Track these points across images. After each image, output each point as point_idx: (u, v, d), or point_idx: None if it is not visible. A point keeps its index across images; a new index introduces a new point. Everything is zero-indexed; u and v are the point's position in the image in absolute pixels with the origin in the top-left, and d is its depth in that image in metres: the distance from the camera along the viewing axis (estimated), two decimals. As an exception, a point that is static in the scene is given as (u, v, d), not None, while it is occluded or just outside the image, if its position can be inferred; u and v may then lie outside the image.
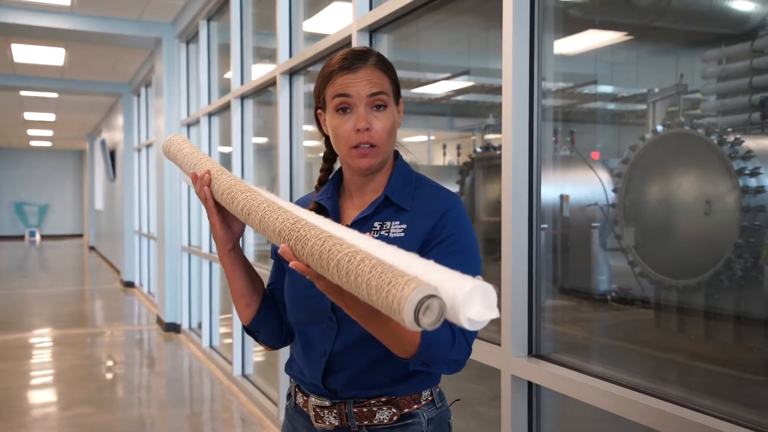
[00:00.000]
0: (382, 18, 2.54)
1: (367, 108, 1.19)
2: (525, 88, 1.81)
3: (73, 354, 5.89)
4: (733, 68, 3.89)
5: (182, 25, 6.16)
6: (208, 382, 5.05)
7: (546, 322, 1.89)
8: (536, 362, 1.75)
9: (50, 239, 21.84)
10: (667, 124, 4.11)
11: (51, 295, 9.58)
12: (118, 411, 4.28)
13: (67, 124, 14.98)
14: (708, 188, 3.58)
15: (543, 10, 1.83)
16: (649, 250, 3.87)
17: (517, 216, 1.79)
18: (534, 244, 1.80)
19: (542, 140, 1.82)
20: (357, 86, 1.19)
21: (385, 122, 1.20)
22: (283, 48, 3.73)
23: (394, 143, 1.26)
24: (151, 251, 9.08)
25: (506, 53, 1.81)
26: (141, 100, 9.45)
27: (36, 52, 7.59)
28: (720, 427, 1.35)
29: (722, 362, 3.38)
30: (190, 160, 1.31)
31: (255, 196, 1.10)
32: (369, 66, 1.21)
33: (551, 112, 2.09)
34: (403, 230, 1.21)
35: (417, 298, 0.74)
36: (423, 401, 1.25)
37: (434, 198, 1.24)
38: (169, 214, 6.66)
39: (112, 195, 12.66)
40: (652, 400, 1.50)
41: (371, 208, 1.25)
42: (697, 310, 3.59)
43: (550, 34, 1.90)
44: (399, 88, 1.27)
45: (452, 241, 1.18)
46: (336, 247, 0.87)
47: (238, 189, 1.14)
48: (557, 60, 4.69)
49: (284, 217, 1.00)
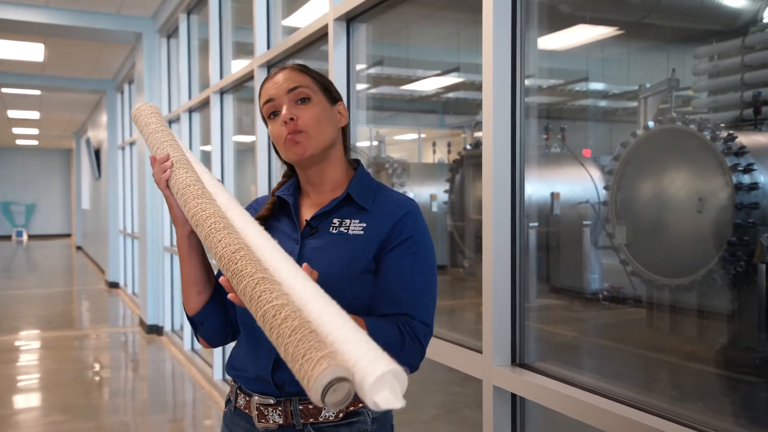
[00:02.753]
0: (360, 5, 2.40)
1: (290, 103, 1.25)
2: (507, 83, 1.69)
3: (55, 357, 5.74)
4: (724, 65, 3.82)
5: (162, 19, 6.01)
6: (189, 387, 4.91)
7: (533, 322, 1.77)
8: (520, 372, 1.62)
9: (37, 239, 21.59)
10: (659, 120, 4.01)
11: (36, 297, 9.41)
12: (98, 417, 4.13)
13: (52, 123, 14.77)
14: (701, 185, 3.49)
15: (526, 5, 1.71)
16: (641, 249, 3.78)
17: (499, 216, 1.66)
18: (518, 245, 1.68)
19: (525, 137, 1.70)
20: (277, 88, 1.26)
21: (310, 111, 1.24)
22: (261, 40, 3.59)
23: (331, 133, 1.27)
24: (135, 251, 8.93)
25: (486, 48, 1.69)
26: (124, 96, 9.28)
27: (14, 47, 7.41)
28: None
29: (715, 362, 3.30)
30: (154, 139, 1.30)
31: (205, 207, 1.10)
32: (287, 70, 1.29)
33: (536, 109, 1.97)
34: (362, 228, 1.23)
35: (326, 380, 0.76)
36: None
37: (394, 201, 1.27)
38: (151, 213, 6.51)
39: (97, 194, 12.48)
40: (647, 417, 1.37)
41: (332, 204, 1.27)
42: (689, 309, 3.51)
43: (533, 29, 1.79)
44: (332, 90, 1.31)
45: (411, 243, 1.22)
46: (266, 294, 0.88)
47: (190, 193, 1.14)
48: (546, 56, 4.58)
49: (227, 241, 1.01)
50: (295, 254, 1.24)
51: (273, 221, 1.33)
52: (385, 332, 1.14)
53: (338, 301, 1.19)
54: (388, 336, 1.13)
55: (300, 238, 1.26)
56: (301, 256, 1.24)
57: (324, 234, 1.25)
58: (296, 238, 1.27)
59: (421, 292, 1.21)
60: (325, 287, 1.19)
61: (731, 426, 1.90)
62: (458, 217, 6.45)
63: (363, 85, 3.37)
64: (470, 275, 6.09)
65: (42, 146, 21.12)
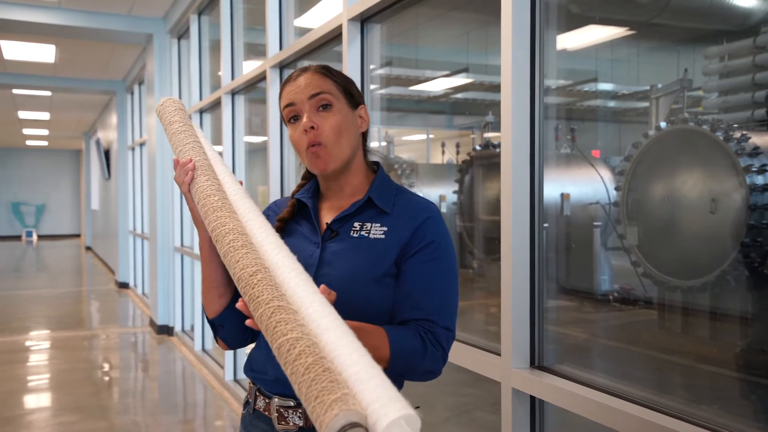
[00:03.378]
0: (374, 5, 2.39)
1: (311, 109, 1.23)
2: (525, 83, 1.68)
3: (65, 358, 5.76)
4: (735, 65, 3.79)
5: (173, 20, 6.02)
6: (200, 387, 4.91)
7: (548, 324, 1.76)
8: (539, 375, 1.61)
9: (47, 239, 21.70)
10: (672, 120, 3.98)
11: (46, 297, 9.45)
12: (109, 418, 4.14)
13: (62, 123, 14.84)
14: (714, 186, 3.46)
15: (545, 5, 1.70)
16: (652, 250, 3.76)
17: (518, 217, 1.65)
18: (536, 247, 1.67)
19: (544, 138, 1.69)
20: (299, 93, 1.24)
21: (331, 120, 1.23)
22: (273, 40, 3.59)
23: (352, 143, 1.26)
24: (145, 252, 8.95)
25: (505, 47, 1.67)
26: (134, 97, 9.32)
27: (26, 48, 7.45)
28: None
29: (729, 365, 3.28)
30: (177, 140, 1.29)
31: (224, 221, 1.09)
32: (309, 73, 1.26)
33: (554, 110, 1.96)
34: (383, 232, 1.23)
35: (337, 426, 0.75)
36: None
37: (415, 205, 1.26)
38: (161, 214, 6.53)
39: (107, 195, 12.53)
40: (670, 420, 1.36)
41: (353, 207, 1.26)
42: (701, 311, 3.48)
43: (553, 29, 1.78)
44: (354, 94, 1.29)
45: (433, 248, 1.21)
46: (281, 326, 0.88)
47: (210, 204, 1.13)
48: (556, 57, 4.55)
49: (245, 262, 1.00)
50: (316, 257, 1.23)
51: (293, 224, 1.33)
52: (407, 341, 1.14)
53: (360, 304, 1.19)
54: (409, 345, 1.14)
55: (321, 241, 1.26)
56: (322, 259, 1.23)
57: (345, 237, 1.24)
58: (317, 242, 1.26)
59: (442, 297, 1.20)
60: (347, 291, 1.18)
61: (751, 429, 1.88)
62: (467, 217, 6.44)
63: (373, 86, 3.37)
64: (479, 276, 6.08)
65: (51, 147, 21.22)
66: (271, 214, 1.38)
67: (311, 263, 1.23)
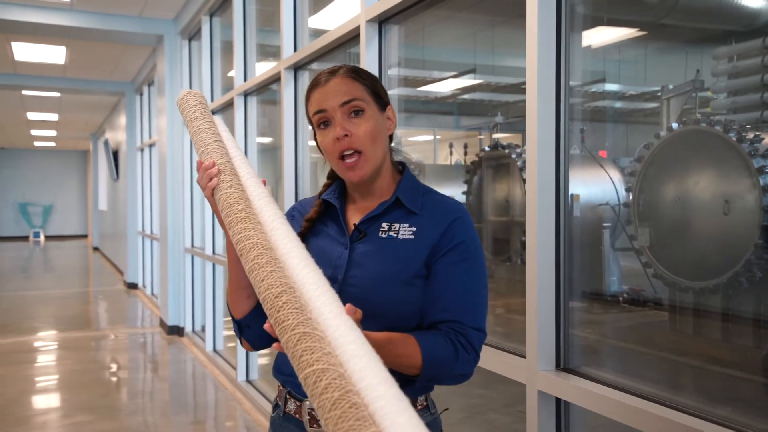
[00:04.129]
0: (393, 7, 2.40)
1: (343, 117, 1.22)
2: (552, 84, 1.68)
3: (75, 358, 5.78)
4: (744, 65, 3.78)
5: (184, 21, 6.04)
6: (212, 388, 4.92)
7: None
8: (566, 377, 1.61)
9: (54, 240, 21.78)
10: (684, 121, 3.97)
11: (54, 297, 9.48)
12: (121, 418, 4.16)
13: (70, 124, 14.89)
14: (726, 187, 3.45)
15: (571, 5, 1.70)
16: (664, 251, 3.74)
17: (544, 219, 1.65)
18: (562, 248, 1.67)
19: (569, 139, 1.69)
20: (329, 99, 1.22)
21: (365, 126, 1.21)
22: (288, 42, 3.60)
23: (384, 147, 1.26)
24: (154, 252, 8.97)
25: (530, 48, 1.67)
26: (144, 98, 9.34)
27: (37, 50, 7.49)
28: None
29: (743, 367, 3.27)
30: (199, 139, 1.26)
31: (248, 234, 1.07)
32: (339, 77, 1.24)
33: (579, 111, 1.96)
34: (412, 233, 1.22)
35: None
36: (418, 406, 1.25)
37: (443, 206, 1.26)
38: (171, 214, 6.54)
39: (115, 195, 12.57)
40: (697, 422, 1.36)
41: (380, 208, 1.26)
42: (713, 313, 3.47)
43: (578, 28, 1.77)
44: (382, 95, 1.28)
45: (462, 248, 1.21)
46: (307, 355, 0.87)
47: (234, 214, 1.11)
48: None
49: (270, 281, 0.99)
50: (345, 259, 1.23)
51: (319, 224, 1.32)
52: (438, 348, 1.14)
53: (389, 305, 1.19)
54: (441, 351, 1.14)
55: (349, 242, 1.25)
56: (351, 260, 1.23)
57: (373, 238, 1.24)
58: (345, 243, 1.26)
59: (473, 299, 1.21)
60: (376, 292, 1.19)
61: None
62: (476, 218, 6.43)
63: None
64: (488, 277, 6.06)
65: (59, 148, 21.30)
66: (296, 215, 1.38)
67: (340, 264, 1.23)
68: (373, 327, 1.19)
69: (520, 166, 5.82)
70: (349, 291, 1.21)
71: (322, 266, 1.22)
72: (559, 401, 1.67)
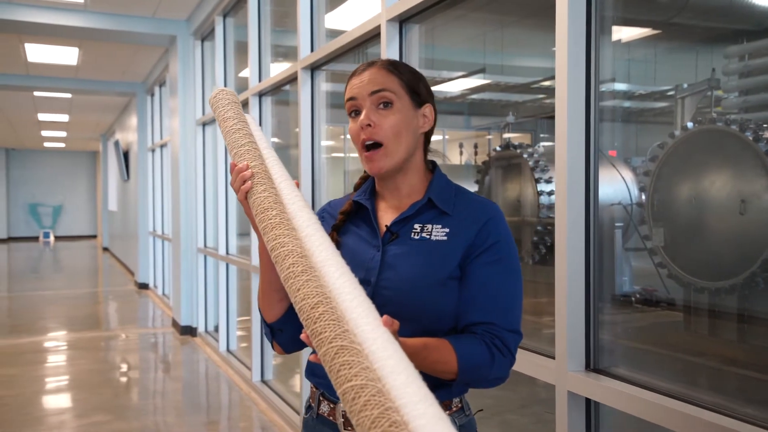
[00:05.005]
0: (414, 6, 2.39)
1: (371, 106, 1.21)
2: (581, 86, 1.67)
3: (88, 358, 5.80)
4: (755, 64, 3.76)
5: (197, 22, 6.05)
6: (225, 388, 4.93)
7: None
8: (596, 377, 1.60)
9: (64, 240, 21.89)
10: (699, 120, 3.95)
11: (65, 297, 9.53)
12: (135, 418, 4.17)
13: (80, 125, 14.96)
14: (743, 186, 3.43)
15: (601, 5, 1.69)
16: (679, 251, 3.72)
17: (573, 220, 1.65)
18: (591, 249, 1.66)
19: (599, 141, 1.68)
20: (361, 88, 1.23)
21: (391, 119, 1.20)
22: (305, 42, 3.60)
23: (409, 144, 1.23)
24: (165, 253, 9.00)
25: (560, 48, 1.67)
26: (155, 99, 9.37)
27: (50, 51, 7.53)
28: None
29: (761, 368, 3.24)
30: (232, 140, 1.25)
31: (283, 241, 1.06)
32: (375, 68, 1.24)
33: (609, 112, 1.95)
34: (446, 234, 1.21)
35: None
36: (453, 408, 1.24)
37: (477, 205, 1.25)
38: (184, 215, 6.56)
39: (125, 196, 12.61)
40: (729, 421, 1.35)
41: (413, 209, 1.24)
42: (729, 313, 3.45)
43: (608, 28, 1.77)
44: (420, 92, 1.26)
45: (496, 249, 1.20)
46: (344, 370, 0.86)
47: (269, 220, 1.10)
48: None
49: (305, 291, 0.98)
50: (377, 261, 1.22)
51: (350, 225, 1.31)
52: (474, 354, 1.14)
53: (423, 308, 1.18)
54: (477, 357, 1.14)
55: (381, 244, 1.24)
56: (383, 263, 1.22)
57: (406, 240, 1.23)
58: (377, 245, 1.24)
59: (507, 299, 1.20)
60: (410, 294, 1.18)
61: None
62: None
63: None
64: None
65: (69, 148, 21.40)
66: (326, 216, 1.37)
67: (372, 267, 1.22)
68: (408, 329, 1.18)
69: (532, 165, 5.80)
70: (383, 294, 1.20)
71: (354, 268, 1.22)
72: (589, 402, 1.67)
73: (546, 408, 3.83)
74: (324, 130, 3.71)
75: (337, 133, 4.50)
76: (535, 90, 7.29)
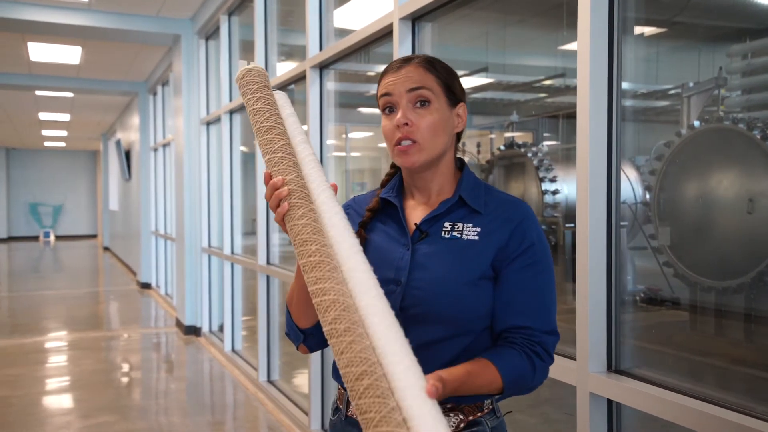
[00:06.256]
0: (428, 4, 2.38)
1: (408, 105, 1.19)
2: (603, 85, 1.66)
3: (93, 358, 5.79)
4: (759, 63, 3.75)
5: (202, 21, 6.04)
6: (231, 388, 4.92)
7: (572, 324, 1.74)
8: (617, 378, 1.59)
9: (64, 240, 21.87)
10: (706, 118, 3.94)
11: (68, 297, 9.51)
12: (140, 419, 4.16)
13: (81, 125, 14.95)
14: (751, 185, 3.42)
15: (623, 4, 1.68)
16: (686, 250, 3.71)
17: (595, 221, 1.63)
18: (613, 250, 1.65)
19: (622, 141, 1.67)
20: (398, 84, 1.20)
21: (428, 119, 1.19)
22: (313, 41, 3.58)
23: (444, 143, 1.22)
24: (168, 252, 8.98)
25: (582, 48, 1.65)
26: (157, 98, 9.35)
27: (52, 50, 7.50)
28: None
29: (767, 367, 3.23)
30: (264, 140, 1.15)
31: (325, 288, 1.00)
32: (412, 65, 1.21)
33: (631, 112, 1.94)
34: (477, 233, 1.19)
35: None
36: (485, 410, 1.23)
37: (508, 205, 1.23)
38: (188, 214, 6.54)
39: (127, 195, 12.59)
40: (752, 421, 1.34)
41: (443, 207, 1.23)
42: (735, 313, 3.44)
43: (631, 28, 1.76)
44: (455, 91, 1.24)
45: (532, 251, 1.19)
46: (365, 401, 0.87)
47: (308, 257, 1.04)
48: (570, 57, 4.51)
49: (348, 356, 0.93)
50: (407, 260, 1.20)
51: (377, 222, 1.29)
52: (516, 368, 1.15)
53: (456, 308, 1.16)
54: (519, 371, 1.15)
55: (410, 242, 1.22)
56: (414, 262, 1.20)
57: (436, 239, 1.21)
58: (406, 243, 1.22)
59: (545, 302, 1.20)
60: (441, 295, 1.16)
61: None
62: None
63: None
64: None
65: (69, 148, 21.38)
66: (351, 213, 1.34)
67: (402, 266, 1.20)
68: (440, 330, 1.18)
69: (536, 165, 5.80)
70: (414, 294, 1.18)
71: (383, 267, 1.20)
72: (611, 403, 1.66)
73: (553, 408, 3.82)
74: (332, 129, 3.70)
75: (339, 132, 4.49)
76: (536, 89, 7.29)
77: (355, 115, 5.67)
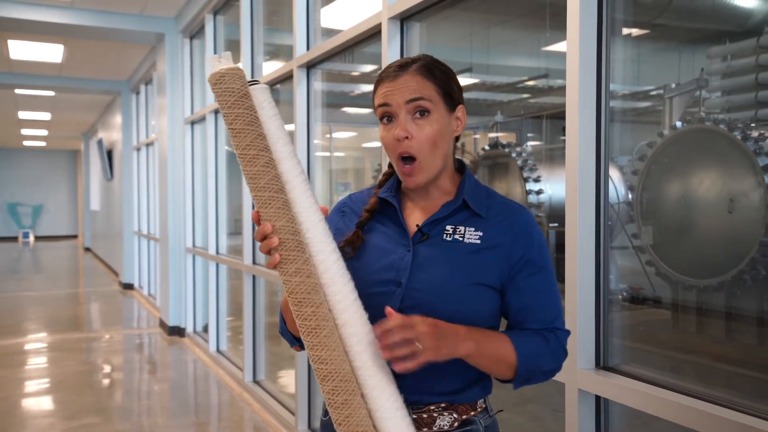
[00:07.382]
0: (417, 4, 2.39)
1: (407, 115, 1.18)
2: (592, 87, 1.68)
3: (76, 359, 5.73)
4: (738, 65, 3.81)
5: (186, 20, 6.00)
6: (216, 389, 4.90)
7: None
8: (605, 375, 1.62)
9: (44, 240, 21.59)
10: (688, 119, 4.00)
11: (49, 298, 9.40)
12: (125, 420, 4.13)
13: (62, 124, 14.77)
14: (731, 185, 3.47)
15: (612, 5, 1.70)
16: (668, 250, 3.76)
17: (584, 220, 1.65)
18: (602, 248, 1.67)
19: (610, 142, 1.69)
20: (396, 94, 1.18)
21: (428, 130, 1.17)
22: (301, 40, 3.58)
23: (444, 152, 1.21)
24: (151, 253, 8.91)
25: (571, 50, 1.67)
26: (140, 97, 9.28)
27: (33, 48, 7.41)
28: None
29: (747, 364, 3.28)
30: (252, 172, 1.07)
31: (323, 356, 1.07)
32: (410, 72, 1.19)
33: (615, 113, 1.97)
34: (479, 237, 1.20)
35: None
36: (478, 408, 1.25)
37: (510, 210, 1.24)
38: (172, 214, 6.50)
39: (109, 195, 12.47)
40: (739, 416, 1.37)
41: (445, 210, 1.22)
42: (716, 311, 3.49)
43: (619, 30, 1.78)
44: (453, 94, 1.22)
45: (538, 257, 1.22)
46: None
47: (304, 319, 1.08)
48: (557, 58, 4.52)
49: (336, 398, 1.06)
50: (408, 262, 1.19)
51: (375, 222, 1.27)
52: (531, 344, 1.18)
53: (457, 310, 1.17)
54: (534, 346, 1.19)
55: (411, 244, 1.21)
56: (415, 264, 1.19)
57: (437, 241, 1.20)
58: (406, 245, 1.21)
59: (554, 302, 1.23)
60: (443, 297, 1.16)
61: None
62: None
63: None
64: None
65: (49, 147, 21.12)
66: (347, 211, 1.33)
67: (403, 267, 1.19)
68: None
69: (520, 165, 5.84)
70: (414, 296, 1.18)
71: (383, 268, 1.20)
72: (599, 399, 1.68)
73: (539, 406, 3.85)
74: (319, 131, 3.70)
75: (323, 132, 4.49)
76: (520, 90, 7.33)
77: (339, 114, 5.67)
